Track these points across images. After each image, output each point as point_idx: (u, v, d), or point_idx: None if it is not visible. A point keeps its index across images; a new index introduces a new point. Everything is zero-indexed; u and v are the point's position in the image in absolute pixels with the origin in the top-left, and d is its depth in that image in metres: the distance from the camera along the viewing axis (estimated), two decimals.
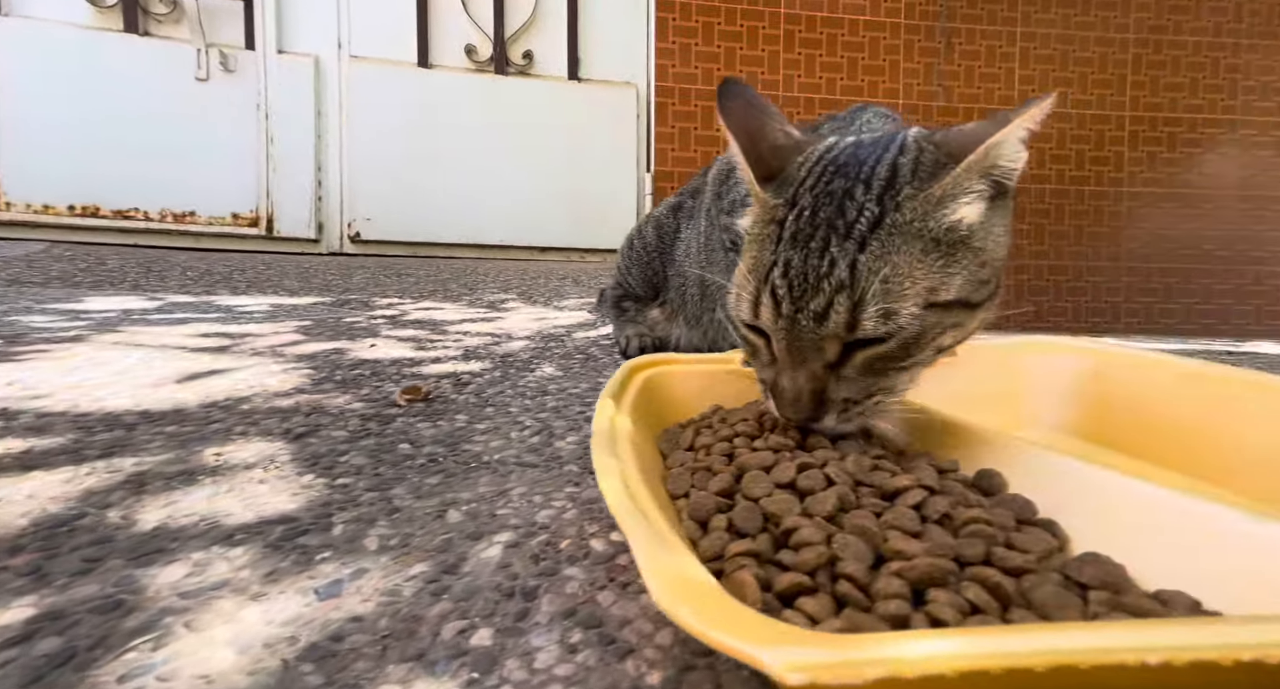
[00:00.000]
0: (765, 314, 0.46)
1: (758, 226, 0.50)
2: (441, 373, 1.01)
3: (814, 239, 0.45)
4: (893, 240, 0.44)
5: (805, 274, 0.44)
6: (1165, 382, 0.54)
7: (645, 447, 0.50)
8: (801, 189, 0.48)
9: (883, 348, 0.44)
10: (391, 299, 1.97)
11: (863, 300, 0.42)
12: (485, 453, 0.67)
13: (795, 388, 0.45)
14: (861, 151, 0.49)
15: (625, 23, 3.38)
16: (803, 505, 0.38)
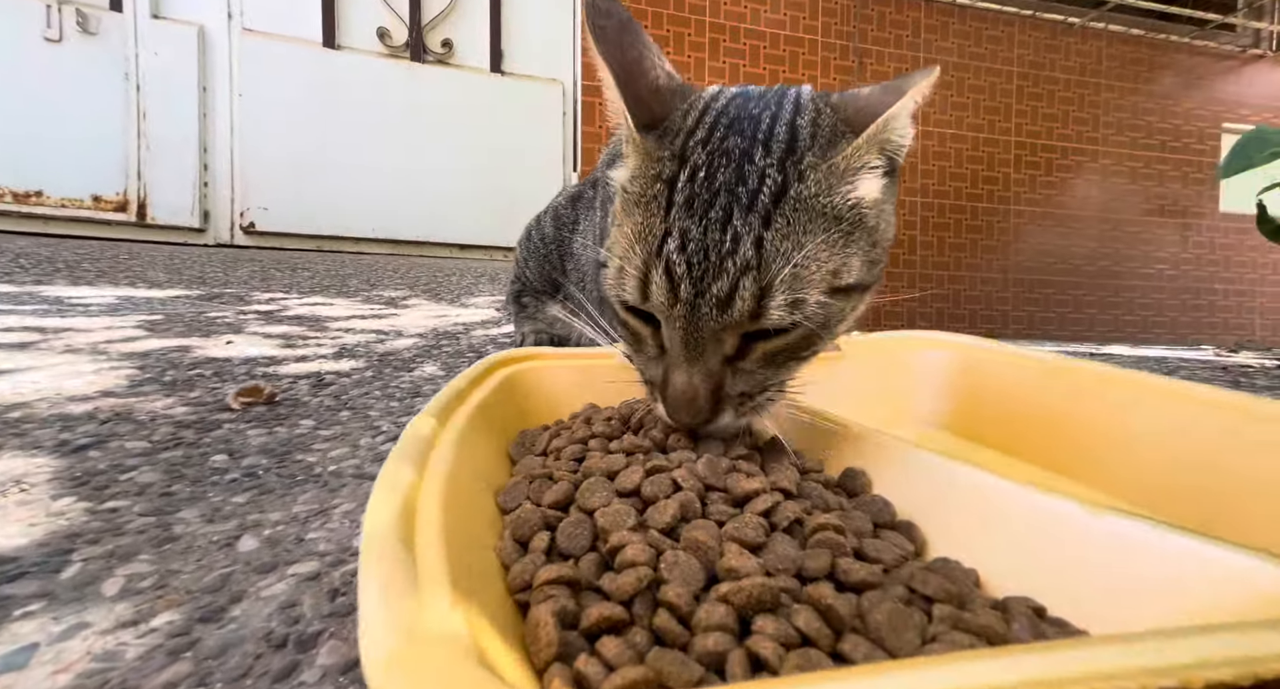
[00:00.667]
0: (658, 295, 0.38)
1: (638, 183, 0.41)
2: (302, 373, 0.89)
3: (713, 208, 0.37)
4: (798, 216, 0.38)
5: (706, 250, 0.36)
6: (1030, 376, 0.54)
7: (488, 453, 0.43)
8: (691, 142, 0.40)
9: (784, 339, 0.39)
10: (275, 294, 1.78)
11: (771, 285, 0.36)
12: (320, 464, 0.57)
13: (691, 387, 0.38)
14: (753, 105, 0.43)
15: (551, 18, 3.29)
16: (641, 517, 0.32)
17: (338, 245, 3.09)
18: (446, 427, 0.40)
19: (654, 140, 0.42)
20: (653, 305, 0.39)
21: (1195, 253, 4.52)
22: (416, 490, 0.29)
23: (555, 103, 3.33)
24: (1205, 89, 4.42)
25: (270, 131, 2.90)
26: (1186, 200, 4.50)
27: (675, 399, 0.38)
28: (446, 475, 0.32)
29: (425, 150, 3.13)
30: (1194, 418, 0.42)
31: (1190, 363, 1.47)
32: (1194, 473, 0.42)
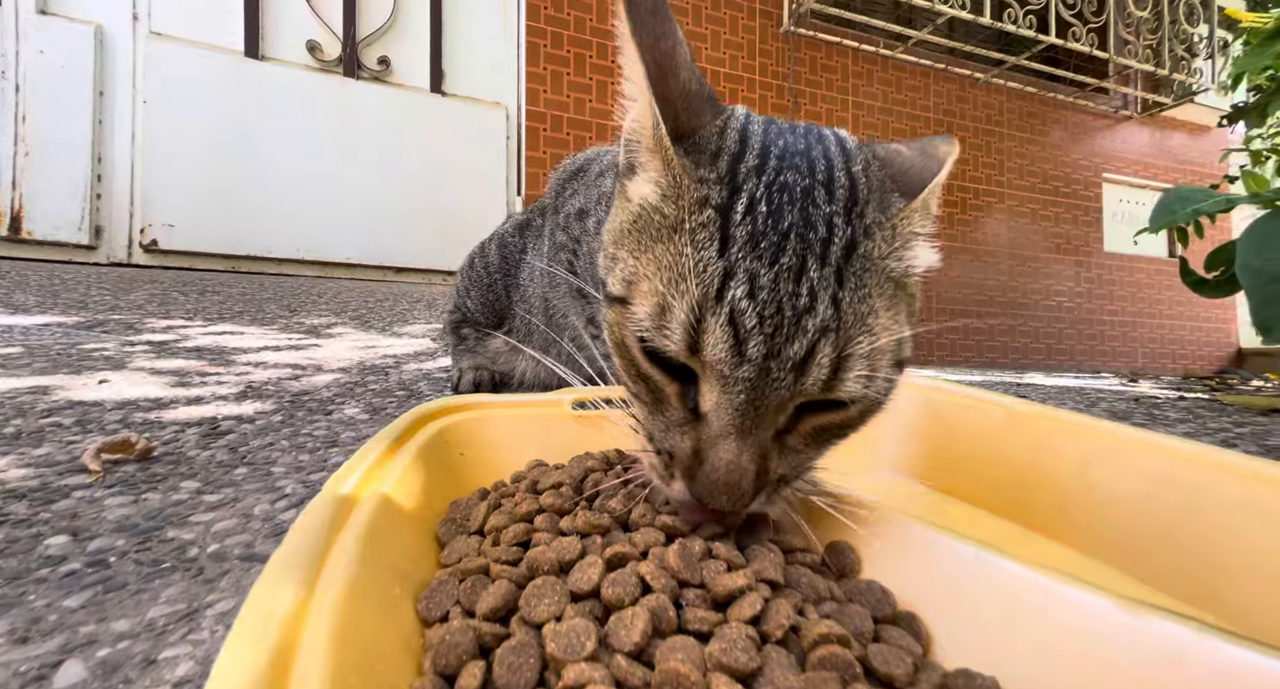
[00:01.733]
0: (716, 350, 0.31)
1: (674, 206, 0.34)
2: (192, 419, 0.76)
3: (783, 252, 0.31)
4: (867, 276, 0.33)
5: (780, 303, 0.31)
6: (997, 423, 0.52)
7: (409, 539, 0.35)
8: (743, 167, 0.34)
9: (841, 414, 0.34)
10: (175, 321, 1.58)
11: (850, 352, 0.31)
12: (198, 542, 0.46)
13: (739, 466, 0.31)
14: (798, 139, 0.38)
15: (494, 42, 3.26)
16: (603, 630, 0.26)
17: (257, 267, 2.85)
18: (356, 508, 0.32)
19: (691, 159, 0.35)
20: (705, 361, 0.31)
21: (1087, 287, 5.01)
22: (298, 621, 0.22)
23: (498, 126, 3.27)
24: (1087, 143, 4.98)
25: (181, 143, 2.66)
26: (1078, 240, 5.01)
27: (716, 480, 0.31)
28: (347, 586, 0.25)
29: (358, 168, 2.98)
30: (1168, 473, 0.41)
31: (1106, 394, 1.57)
32: (1170, 531, 0.41)
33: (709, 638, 0.26)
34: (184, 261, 2.73)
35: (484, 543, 0.35)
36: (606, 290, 0.36)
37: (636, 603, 0.27)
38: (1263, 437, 0.93)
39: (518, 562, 0.32)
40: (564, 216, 0.78)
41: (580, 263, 0.74)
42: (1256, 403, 1.32)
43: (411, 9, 3.08)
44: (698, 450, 0.32)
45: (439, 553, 0.36)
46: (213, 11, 2.69)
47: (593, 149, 0.88)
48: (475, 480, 0.46)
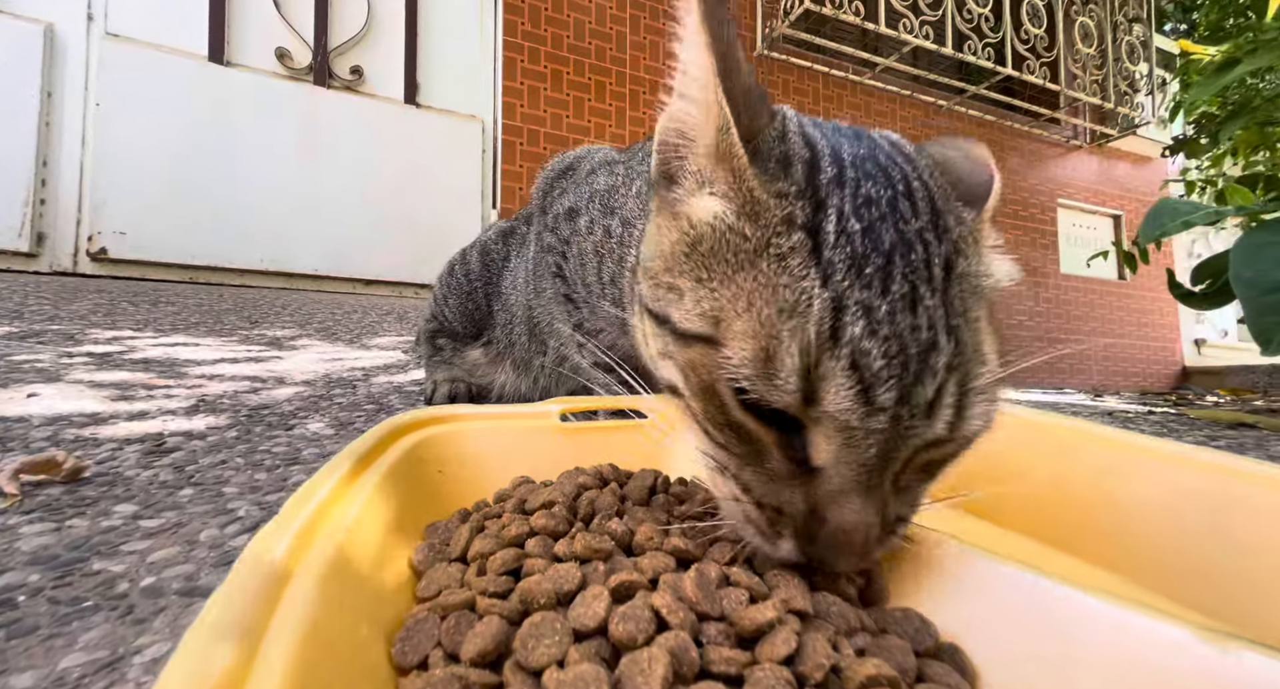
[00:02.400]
0: (840, 399, 0.26)
1: (748, 225, 0.30)
2: (133, 435, 0.69)
3: (892, 278, 0.28)
4: (969, 299, 0.30)
5: (903, 340, 0.27)
6: (1012, 433, 0.50)
7: (380, 573, 0.31)
8: (821, 178, 0.30)
9: (950, 448, 0.30)
10: (121, 332, 1.47)
11: (971, 387, 0.29)
12: (130, 575, 0.40)
13: (866, 525, 0.27)
14: (859, 143, 0.34)
15: (470, 55, 3.24)
16: (614, 675, 0.22)
17: (216, 277, 2.72)
18: (317, 535, 0.27)
19: (762, 167, 0.31)
20: (826, 412, 0.26)
21: (1045, 306, 5.23)
22: (240, 676, 0.17)
23: (474, 139, 3.24)
24: (1043, 169, 5.24)
25: (137, 148, 2.54)
26: (1035, 262, 5.24)
27: (845, 541, 0.27)
28: (304, 630, 0.20)
29: (328, 179, 2.89)
30: (1191, 483, 0.39)
31: (1080, 408, 1.60)
32: (1195, 543, 0.39)
33: (739, 682, 0.23)
34: (136, 271, 2.59)
35: (467, 572, 0.31)
36: (672, 325, 0.31)
37: (652, 641, 0.23)
38: (1241, 449, 0.95)
39: (508, 593, 0.28)
40: (552, 217, 0.75)
41: (570, 265, 0.70)
42: (1223, 417, 1.36)
43: (386, 20, 3.05)
44: (815, 508, 0.28)
45: (415, 585, 0.32)
46: (175, 14, 2.60)
47: (583, 147, 0.85)
48: (455, 500, 0.42)
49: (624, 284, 0.58)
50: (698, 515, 0.38)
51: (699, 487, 0.44)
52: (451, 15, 3.21)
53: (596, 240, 0.65)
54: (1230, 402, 2.02)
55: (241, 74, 2.73)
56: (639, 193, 0.60)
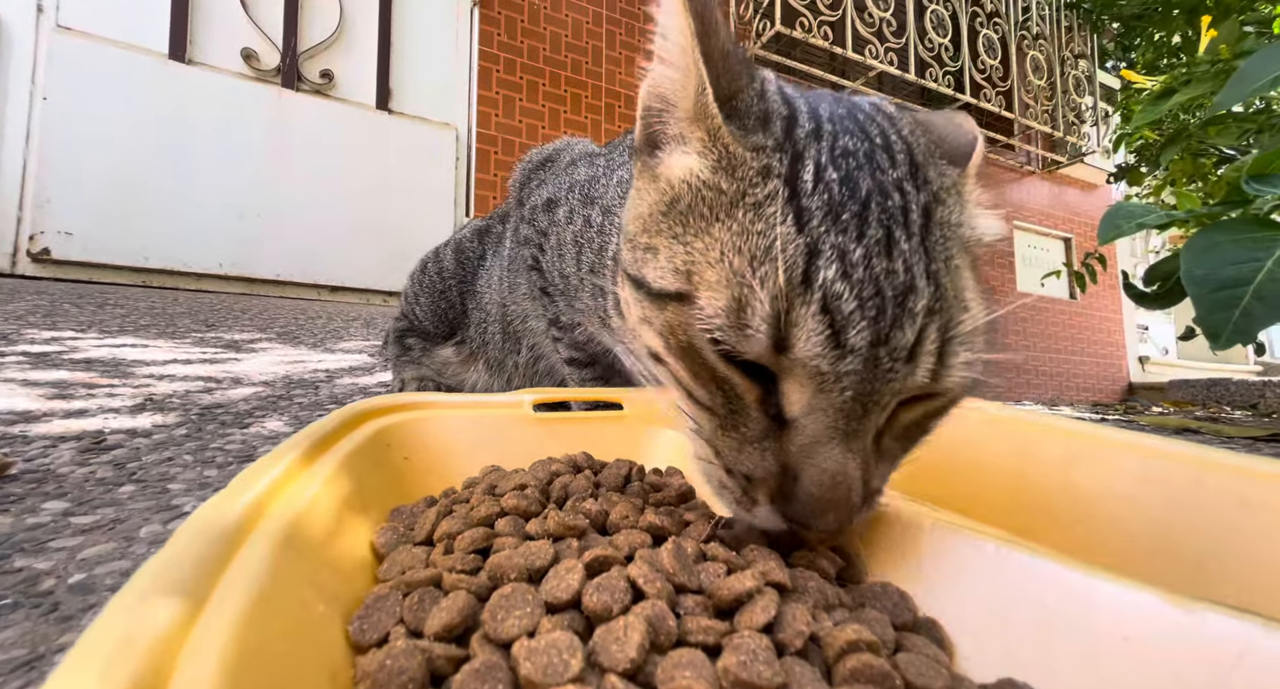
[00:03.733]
0: (810, 344, 0.25)
1: (727, 177, 0.30)
2: (69, 432, 0.64)
3: (868, 224, 0.27)
4: (950, 246, 0.29)
5: (877, 282, 0.26)
6: (973, 427, 0.52)
7: (339, 549, 0.29)
8: (799, 132, 0.30)
9: (933, 404, 0.30)
10: (62, 333, 1.39)
11: (953, 335, 0.28)
12: (58, 571, 0.37)
13: (847, 477, 0.26)
14: (837, 104, 0.34)
15: (445, 63, 3.23)
16: (588, 646, 0.21)
17: (172, 281, 2.60)
18: (269, 512, 0.25)
19: (736, 123, 0.31)
20: (797, 357, 0.26)
21: (1002, 324, 5.44)
22: (174, 646, 0.15)
23: (447, 147, 3.21)
24: (999, 193, 5.50)
25: (87, 146, 2.43)
26: (994, 280, 5.44)
27: (821, 497, 0.26)
28: (252, 601, 0.19)
29: (295, 183, 2.82)
30: (1152, 471, 0.41)
31: None
32: (1157, 529, 0.40)
33: (716, 651, 0.22)
34: (82, 273, 2.46)
35: (433, 553, 0.29)
36: (647, 286, 0.31)
37: (628, 612, 0.22)
38: None
39: (477, 570, 0.26)
40: (530, 209, 0.73)
41: (547, 258, 0.68)
42: (1169, 423, 1.43)
43: (359, 24, 3.02)
44: (788, 465, 0.27)
45: (377, 568, 0.30)
46: (133, 9, 2.51)
47: (562, 140, 0.84)
48: (421, 488, 0.40)
49: (606, 273, 0.57)
50: (673, 500, 0.37)
51: (674, 476, 0.43)
52: (426, 23, 3.20)
53: (576, 230, 0.63)
54: (1174, 412, 2.13)
55: (204, 73, 2.65)
56: (620, 182, 0.59)
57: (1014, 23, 4.61)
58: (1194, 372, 5.59)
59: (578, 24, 3.51)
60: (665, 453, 0.50)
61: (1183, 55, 3.53)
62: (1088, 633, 0.24)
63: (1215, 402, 2.86)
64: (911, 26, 3.98)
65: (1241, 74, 0.85)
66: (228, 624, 0.17)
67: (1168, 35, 3.46)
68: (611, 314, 0.58)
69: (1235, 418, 1.76)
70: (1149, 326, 6.10)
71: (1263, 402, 2.49)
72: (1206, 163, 2.29)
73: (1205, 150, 2.16)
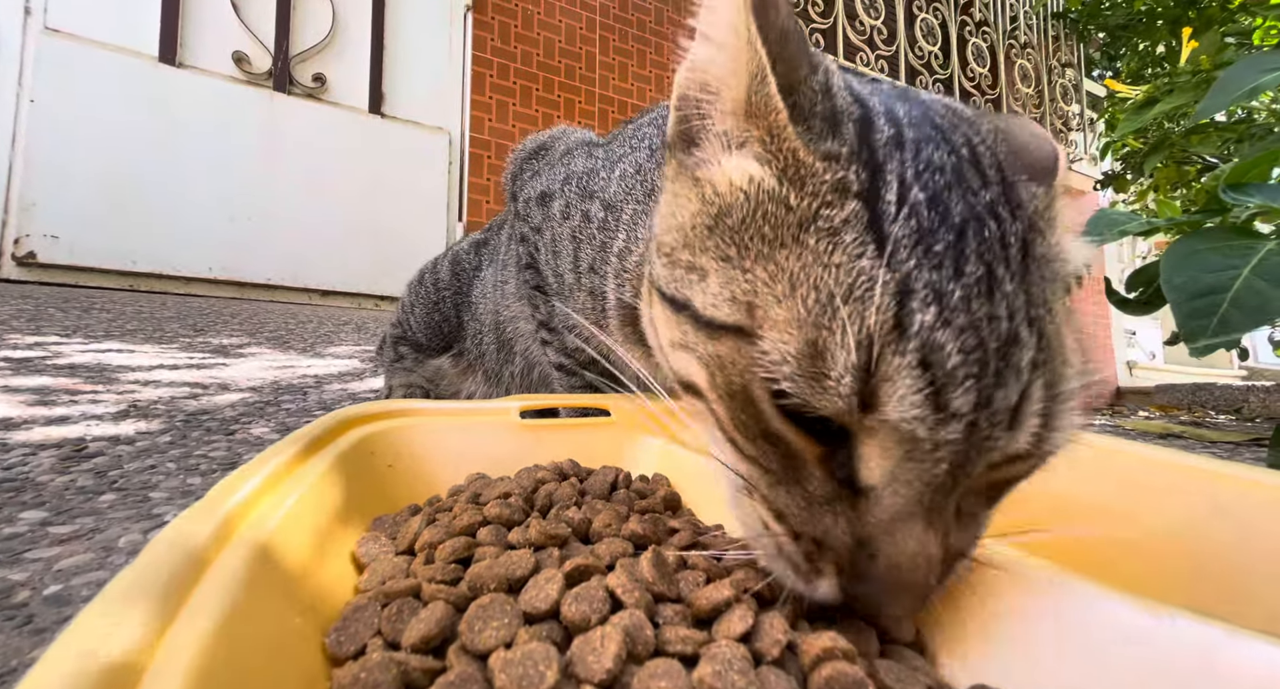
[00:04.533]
0: (905, 404, 0.21)
1: (792, 192, 0.25)
2: (50, 440, 0.63)
3: (965, 259, 0.23)
4: (1048, 287, 0.25)
5: (980, 333, 0.22)
6: None
7: (319, 557, 0.29)
8: (877, 139, 0.25)
9: (1024, 465, 0.26)
10: (46, 338, 1.37)
11: (1058, 392, 0.24)
12: (33, 583, 0.36)
13: (928, 558, 0.23)
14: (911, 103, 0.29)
15: (438, 67, 3.23)
16: (565, 657, 0.21)
17: (160, 285, 2.58)
18: (247, 521, 0.25)
19: (801, 124, 0.26)
20: (889, 418, 0.21)
21: None
22: (142, 659, 0.15)
23: (440, 151, 3.21)
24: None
25: (75, 149, 2.41)
26: None
27: (900, 579, 0.22)
28: (225, 613, 0.19)
29: (286, 186, 2.81)
30: (1134, 477, 0.41)
31: None
32: (1137, 535, 0.40)
33: (694, 661, 0.22)
34: (69, 277, 2.43)
35: (414, 562, 0.29)
36: (693, 311, 0.26)
37: (606, 622, 0.22)
38: None
39: (456, 581, 0.26)
40: (523, 203, 0.69)
41: (542, 255, 0.65)
42: (1154, 428, 1.45)
43: (351, 28, 3.01)
44: (865, 539, 0.23)
45: (358, 579, 0.30)
46: (123, 12, 2.50)
47: (557, 127, 0.81)
48: (406, 496, 0.40)
49: (607, 271, 0.55)
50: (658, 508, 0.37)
51: (660, 483, 0.43)
52: (419, 27, 3.20)
53: (574, 226, 0.60)
54: (1160, 416, 2.15)
55: (195, 76, 2.64)
56: (624, 176, 0.55)
57: (1002, 32, 4.68)
58: (1180, 376, 5.66)
59: (571, 30, 3.53)
60: (652, 460, 0.50)
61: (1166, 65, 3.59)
62: (1057, 636, 0.24)
63: (1200, 406, 2.89)
64: (902, 34, 4.03)
65: (1221, 84, 0.87)
66: (197, 638, 0.17)
67: (1152, 45, 3.52)
68: (610, 316, 0.56)
69: (1219, 422, 1.78)
70: (1136, 332, 6.18)
71: (1246, 406, 2.52)
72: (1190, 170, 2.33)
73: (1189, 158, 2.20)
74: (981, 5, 4.54)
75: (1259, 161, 0.84)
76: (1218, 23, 2.38)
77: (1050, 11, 4.98)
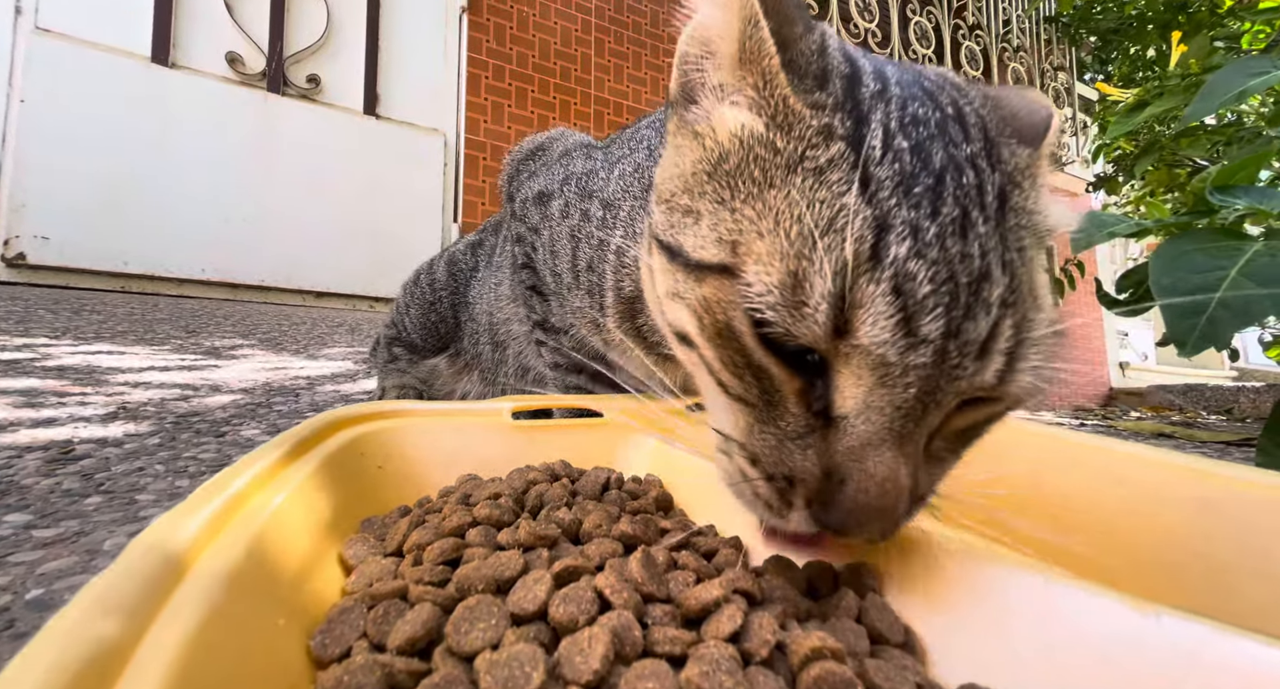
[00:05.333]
0: (878, 328, 0.23)
1: (780, 136, 0.27)
2: (37, 442, 0.63)
3: (943, 200, 0.24)
4: (1024, 235, 0.27)
5: (953, 266, 0.23)
6: None
7: (306, 559, 0.28)
8: (863, 92, 0.27)
9: (989, 410, 0.27)
10: (35, 340, 1.36)
11: (1027, 335, 0.25)
12: (14, 587, 0.36)
13: (897, 483, 0.24)
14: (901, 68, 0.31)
15: (433, 69, 3.23)
16: (552, 658, 0.20)
17: (153, 287, 2.56)
18: (233, 521, 0.25)
19: (798, 80, 0.27)
20: (861, 342, 0.23)
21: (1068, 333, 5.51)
22: (119, 660, 0.15)
23: (435, 153, 3.20)
24: None
25: (66, 149, 2.39)
26: None
27: (867, 504, 0.23)
28: (206, 615, 0.18)
29: (280, 188, 2.79)
30: (1118, 473, 0.41)
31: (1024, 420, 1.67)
32: (1120, 530, 0.41)
33: (682, 662, 0.22)
34: (59, 278, 2.41)
35: (402, 564, 0.29)
36: (684, 256, 0.28)
37: (594, 622, 0.22)
38: None
39: (444, 582, 0.26)
40: (520, 203, 0.69)
41: (540, 255, 0.65)
42: (1146, 428, 1.46)
43: (346, 30, 3.01)
44: (833, 467, 0.24)
45: (345, 581, 0.29)
46: (115, 12, 2.49)
47: (556, 129, 0.81)
48: (395, 497, 0.40)
49: (605, 268, 0.55)
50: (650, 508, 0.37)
51: (652, 484, 0.43)
52: (415, 29, 3.20)
53: (573, 225, 0.60)
54: (1152, 416, 2.17)
55: (188, 77, 2.62)
56: (622, 176, 0.56)
57: (995, 35, 4.71)
58: (1172, 377, 5.70)
59: (567, 32, 3.53)
60: (645, 461, 0.50)
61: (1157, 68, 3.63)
62: (1047, 634, 0.24)
63: (1192, 406, 2.92)
64: (896, 38, 4.05)
65: (1209, 88, 0.88)
66: (175, 641, 0.16)
67: (1142, 49, 3.56)
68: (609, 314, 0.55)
69: (1210, 422, 1.79)
70: (1129, 333, 6.22)
71: (1237, 406, 2.54)
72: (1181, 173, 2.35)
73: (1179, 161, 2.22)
74: (975, 9, 4.57)
75: (1245, 164, 0.84)
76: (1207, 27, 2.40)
77: (1042, 15, 5.02)
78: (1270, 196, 0.68)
